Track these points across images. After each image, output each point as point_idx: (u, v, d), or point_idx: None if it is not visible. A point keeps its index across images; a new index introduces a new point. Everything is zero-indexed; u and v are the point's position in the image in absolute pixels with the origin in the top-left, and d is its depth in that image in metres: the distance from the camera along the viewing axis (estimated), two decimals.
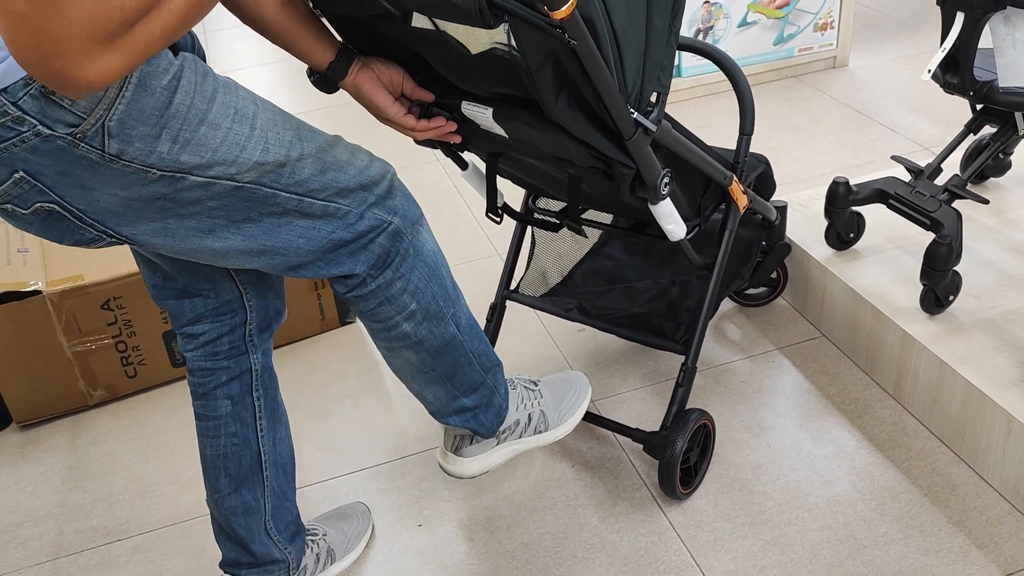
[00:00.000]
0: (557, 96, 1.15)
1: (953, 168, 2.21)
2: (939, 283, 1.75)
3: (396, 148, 2.93)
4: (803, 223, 2.12)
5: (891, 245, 2.03)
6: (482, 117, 1.30)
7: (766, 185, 1.84)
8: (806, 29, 3.24)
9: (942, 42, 1.72)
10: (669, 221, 1.43)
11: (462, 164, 1.59)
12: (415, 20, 1.19)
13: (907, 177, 1.89)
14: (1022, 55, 1.62)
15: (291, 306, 2.06)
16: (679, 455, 1.59)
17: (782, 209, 1.94)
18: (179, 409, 2.04)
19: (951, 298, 1.80)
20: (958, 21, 1.68)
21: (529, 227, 1.91)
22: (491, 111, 1.28)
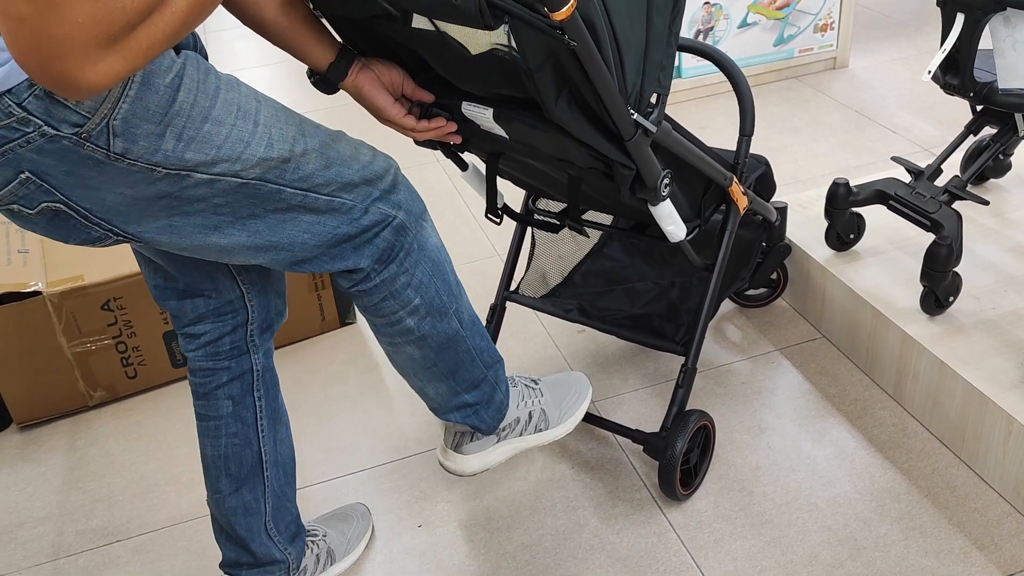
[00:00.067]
0: (557, 97, 1.15)
1: (953, 169, 2.21)
2: (939, 284, 1.75)
3: (396, 149, 2.93)
4: (803, 224, 2.12)
5: (891, 246, 2.03)
6: (482, 118, 1.30)
7: (766, 186, 1.84)
8: (806, 30, 3.25)
9: (942, 43, 1.72)
10: (669, 222, 1.43)
11: (462, 165, 1.59)
12: (415, 21, 1.19)
13: (907, 178, 1.89)
14: (1022, 56, 1.62)
15: (291, 307, 2.06)
16: (679, 456, 1.59)
17: (782, 210, 1.94)
18: (179, 410, 2.04)
19: (951, 299, 1.80)
20: (958, 22, 1.68)
21: (529, 228, 1.91)
22: (491, 112, 1.28)
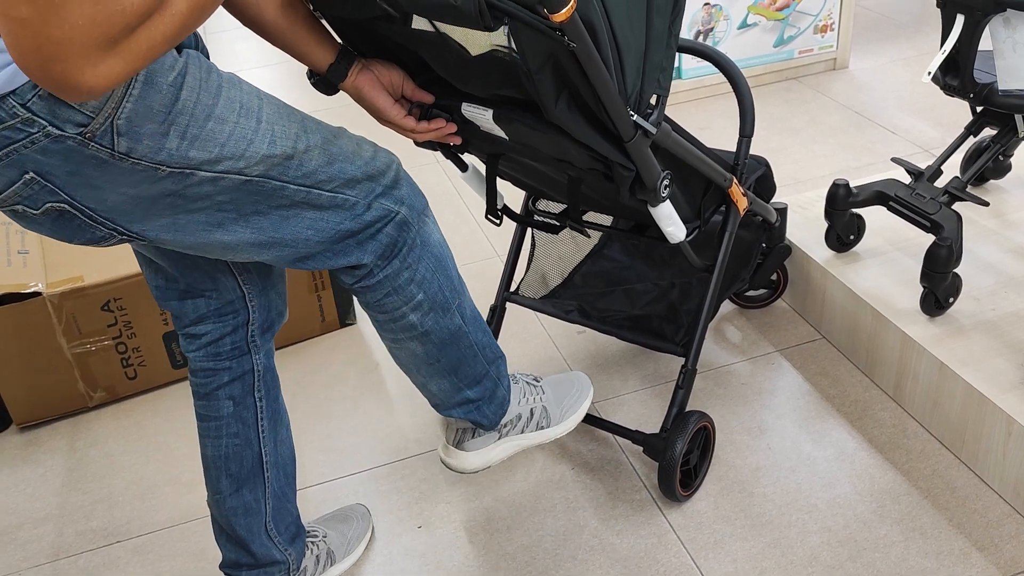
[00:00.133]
0: (557, 98, 1.15)
1: (953, 170, 2.21)
2: (939, 285, 1.75)
3: (396, 149, 2.93)
4: (803, 225, 2.12)
5: (891, 247, 2.03)
6: (482, 119, 1.30)
7: (766, 187, 1.84)
8: (806, 31, 3.25)
9: (942, 44, 1.72)
10: (669, 223, 1.43)
11: (462, 166, 1.59)
12: (415, 22, 1.19)
13: (907, 179, 1.89)
14: (1022, 58, 1.62)
15: (291, 308, 2.06)
16: (679, 457, 1.59)
17: (782, 211, 1.94)
18: (179, 411, 2.04)
19: (951, 300, 1.80)
20: (958, 23, 1.68)
21: (529, 229, 1.91)
22: (491, 113, 1.28)
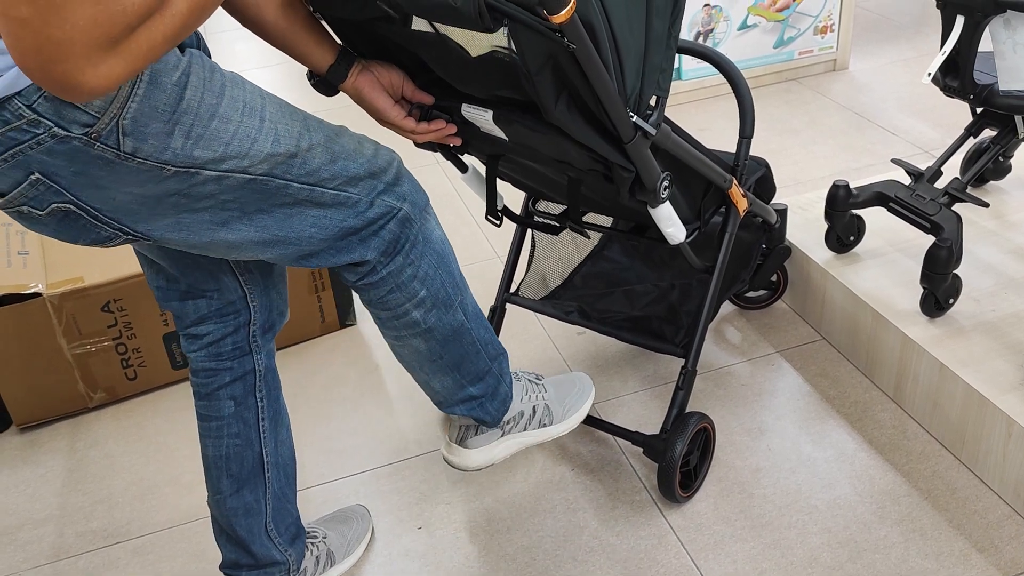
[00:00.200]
0: (557, 99, 1.15)
1: (953, 171, 2.21)
2: (939, 286, 1.75)
3: (396, 149, 2.92)
4: (803, 226, 2.12)
5: (891, 248, 2.03)
6: (482, 120, 1.30)
7: (766, 188, 1.84)
8: (806, 32, 3.25)
9: (942, 45, 1.72)
10: (669, 224, 1.43)
11: (462, 167, 1.59)
12: (415, 23, 1.19)
13: (907, 180, 1.89)
14: (1022, 58, 1.62)
15: (291, 308, 2.06)
16: (679, 458, 1.59)
17: (782, 212, 1.94)
18: (179, 411, 2.04)
19: (951, 301, 1.80)
20: (958, 24, 1.68)
21: (529, 230, 1.91)
22: (491, 114, 1.28)
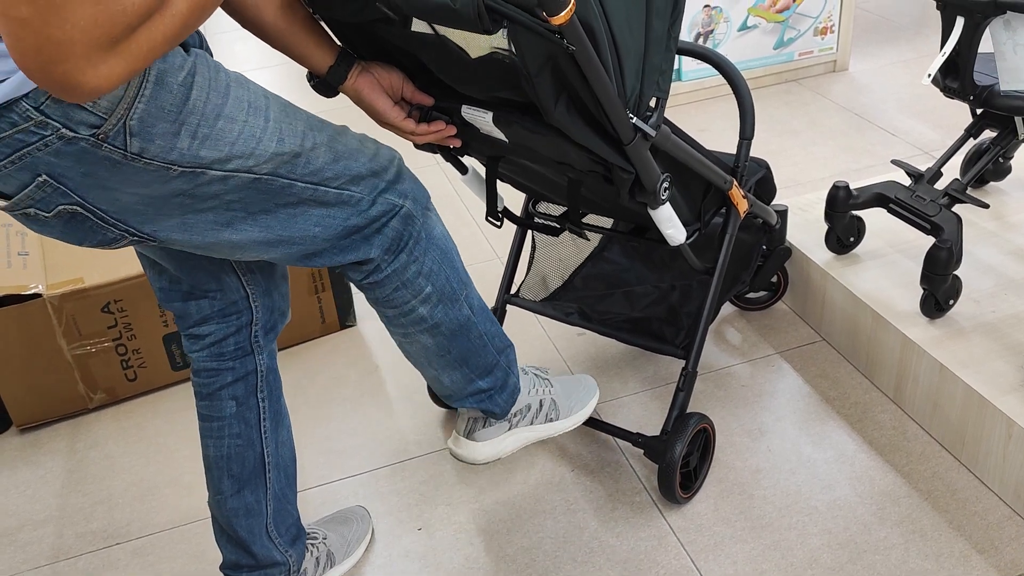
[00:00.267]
0: (556, 101, 1.15)
1: (953, 172, 2.21)
2: (939, 287, 1.75)
3: (396, 150, 2.93)
4: (803, 227, 2.12)
5: (891, 249, 2.03)
6: (482, 121, 1.30)
7: (766, 189, 1.84)
8: (806, 33, 3.25)
9: (942, 46, 1.72)
10: (669, 226, 1.43)
11: (462, 168, 1.59)
12: (414, 25, 1.19)
13: (907, 181, 1.89)
14: (1022, 59, 1.62)
15: (291, 309, 2.06)
16: (679, 459, 1.59)
17: (782, 213, 1.94)
18: (179, 412, 2.04)
19: (951, 302, 1.80)
20: (958, 25, 1.68)
21: (529, 231, 1.91)
22: (491, 115, 1.28)
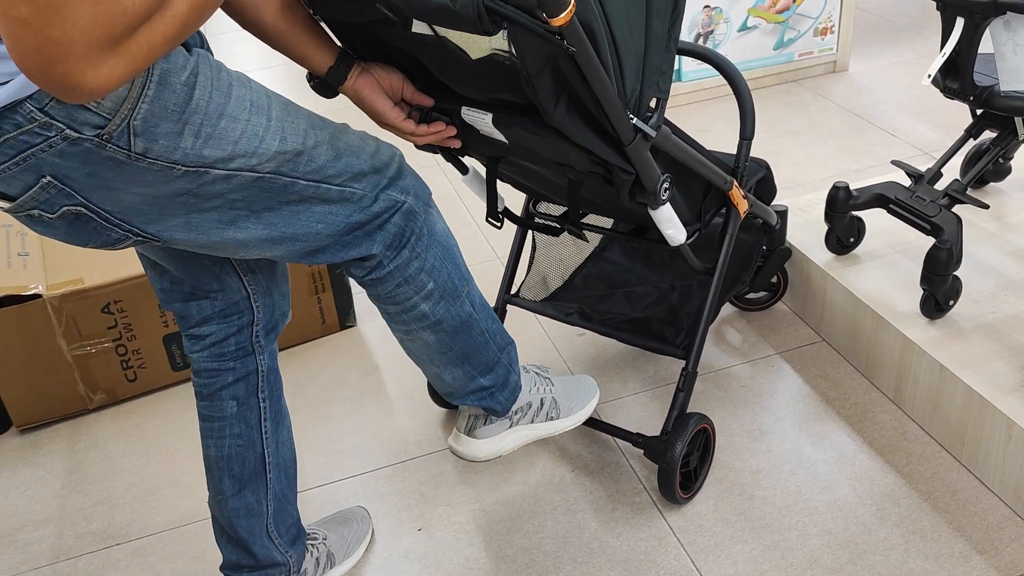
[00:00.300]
0: (556, 102, 1.15)
1: (953, 173, 2.21)
2: (939, 288, 1.75)
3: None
4: (803, 227, 2.12)
5: (891, 250, 2.03)
6: (482, 122, 1.30)
7: (766, 190, 1.84)
8: (806, 34, 3.25)
9: (942, 47, 1.72)
10: (669, 226, 1.43)
11: (462, 169, 1.59)
12: (414, 26, 1.20)
13: (907, 182, 1.89)
14: (1022, 60, 1.62)
15: (292, 310, 2.06)
16: (679, 459, 1.59)
17: (782, 214, 1.94)
18: (179, 413, 2.04)
19: (951, 303, 1.80)
20: (958, 26, 1.68)
21: (529, 231, 1.91)
22: (491, 116, 1.28)
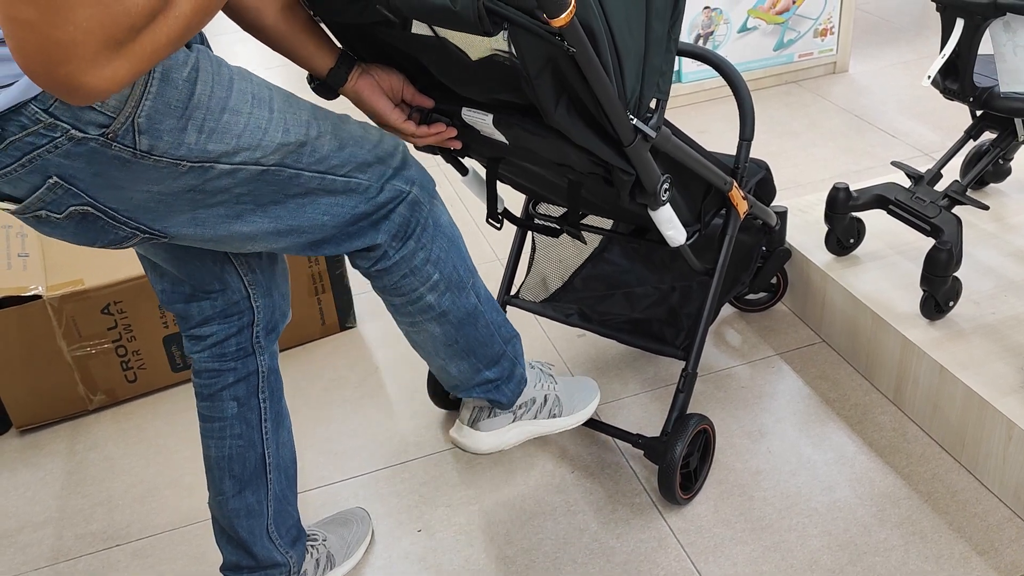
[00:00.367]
0: (557, 103, 1.16)
1: (953, 174, 2.21)
2: (939, 289, 1.75)
3: None
4: (803, 228, 2.12)
5: (891, 251, 2.03)
6: (482, 123, 1.30)
7: (766, 191, 1.84)
8: (806, 35, 3.25)
9: (942, 48, 1.72)
10: (669, 227, 1.44)
11: (462, 170, 1.59)
12: (415, 27, 1.20)
13: (907, 183, 1.89)
14: (1022, 61, 1.62)
15: (292, 311, 2.06)
16: (679, 460, 1.59)
17: (782, 214, 1.94)
18: (179, 414, 2.04)
19: (951, 304, 1.80)
20: (958, 27, 1.68)
21: (529, 232, 1.91)
22: (491, 117, 1.28)
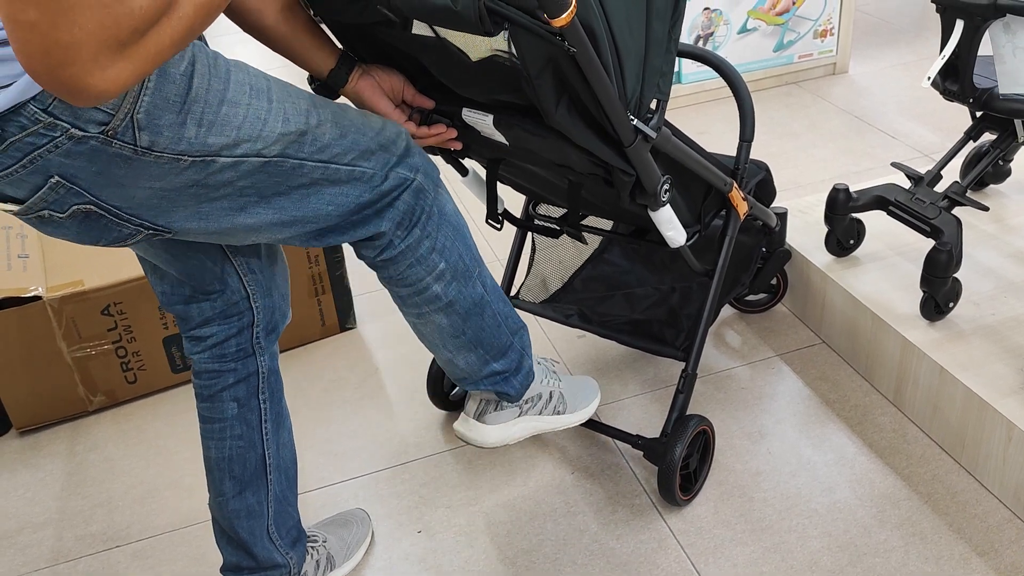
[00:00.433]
0: (557, 103, 1.16)
1: (953, 175, 2.21)
2: (939, 290, 1.75)
3: None
4: (803, 229, 2.12)
5: (891, 252, 2.03)
6: (482, 124, 1.30)
7: (766, 191, 1.84)
8: (806, 36, 3.25)
9: (942, 49, 1.72)
10: (669, 228, 1.44)
11: (462, 171, 1.60)
12: (415, 27, 1.20)
13: (907, 184, 1.89)
14: (1022, 62, 1.62)
15: (292, 312, 2.06)
16: (678, 461, 1.59)
17: (782, 215, 1.94)
18: (179, 415, 2.04)
19: (951, 305, 1.80)
20: (957, 28, 1.68)
21: (529, 233, 1.91)
22: (491, 118, 1.29)
